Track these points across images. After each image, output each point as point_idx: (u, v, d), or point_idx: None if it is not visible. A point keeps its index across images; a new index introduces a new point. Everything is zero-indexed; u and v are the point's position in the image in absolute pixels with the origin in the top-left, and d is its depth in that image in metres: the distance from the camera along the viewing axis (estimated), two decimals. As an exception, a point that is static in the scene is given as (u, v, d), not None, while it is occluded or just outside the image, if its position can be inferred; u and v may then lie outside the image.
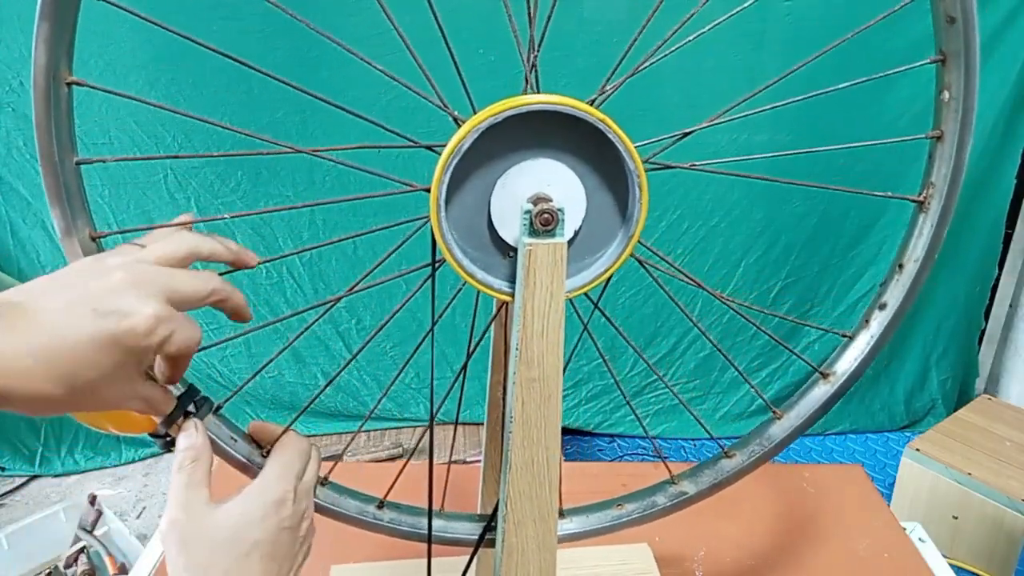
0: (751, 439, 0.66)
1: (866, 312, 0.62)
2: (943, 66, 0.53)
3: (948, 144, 0.54)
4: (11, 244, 1.85)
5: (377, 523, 0.63)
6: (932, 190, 0.56)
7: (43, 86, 0.44)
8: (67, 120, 0.47)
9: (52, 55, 0.44)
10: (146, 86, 1.75)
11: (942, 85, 0.54)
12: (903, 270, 0.59)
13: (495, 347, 0.62)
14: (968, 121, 0.53)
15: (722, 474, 0.66)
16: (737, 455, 0.65)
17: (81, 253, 0.48)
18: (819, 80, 0.58)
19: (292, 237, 1.95)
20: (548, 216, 0.48)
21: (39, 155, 0.46)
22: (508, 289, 0.53)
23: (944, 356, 2.28)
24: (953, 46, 0.51)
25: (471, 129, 0.48)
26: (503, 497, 0.55)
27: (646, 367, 2.22)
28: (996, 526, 1.68)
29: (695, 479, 0.67)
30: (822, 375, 0.64)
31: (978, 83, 0.52)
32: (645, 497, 0.67)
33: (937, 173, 0.56)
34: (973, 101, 0.52)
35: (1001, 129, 1.97)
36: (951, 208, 0.56)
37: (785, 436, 0.64)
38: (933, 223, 0.57)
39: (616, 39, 1.81)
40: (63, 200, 0.47)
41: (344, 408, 2.13)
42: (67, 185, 0.47)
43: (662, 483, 0.67)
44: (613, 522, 0.67)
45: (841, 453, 2.28)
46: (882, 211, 2.07)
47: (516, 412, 0.52)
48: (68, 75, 0.46)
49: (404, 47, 0.51)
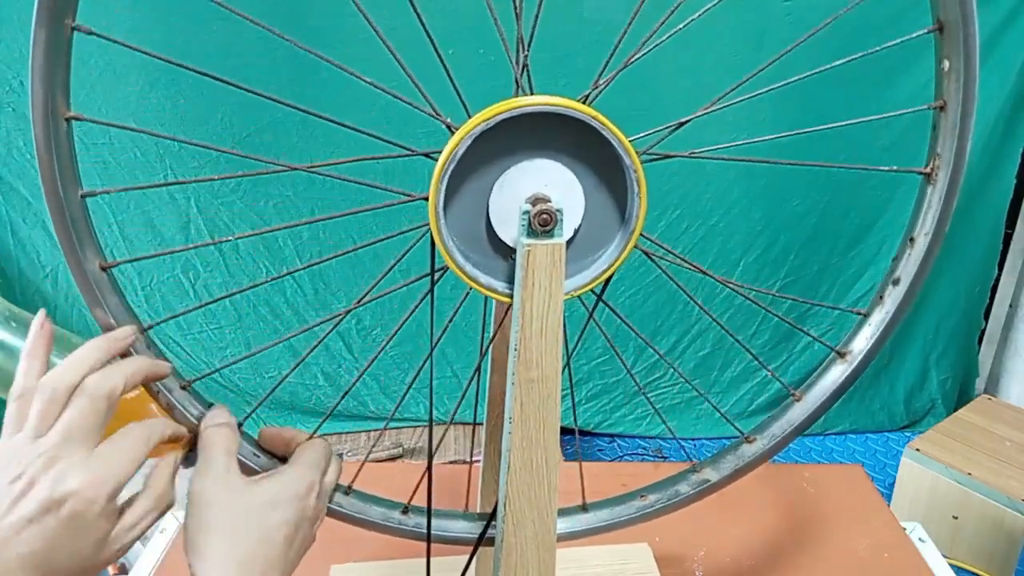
0: (770, 423, 0.65)
1: (880, 288, 0.61)
2: (940, 35, 0.53)
3: (952, 114, 0.54)
4: (11, 244, 1.85)
5: (402, 528, 0.63)
6: (939, 161, 0.55)
7: (42, 122, 0.45)
8: (68, 154, 0.47)
9: (49, 92, 0.45)
10: (146, 86, 1.75)
11: (942, 54, 0.53)
12: (914, 244, 0.58)
13: (495, 347, 0.62)
14: (970, 89, 0.52)
15: (744, 460, 0.65)
16: (758, 440, 0.65)
17: (93, 286, 0.49)
18: (816, 76, 0.58)
19: (292, 237, 1.95)
20: (547, 216, 0.48)
21: (44, 191, 0.46)
22: (508, 291, 0.53)
23: (944, 356, 2.28)
24: (950, 14, 0.51)
25: (464, 136, 0.48)
26: (502, 497, 0.55)
27: (647, 366, 2.22)
28: (996, 526, 1.68)
29: (716, 466, 0.66)
30: (839, 355, 0.63)
31: (978, 50, 0.51)
32: (668, 487, 0.66)
33: (943, 144, 0.55)
34: (974, 69, 0.51)
35: (1001, 129, 1.97)
36: (959, 179, 0.55)
37: (805, 418, 0.63)
38: (941, 195, 0.56)
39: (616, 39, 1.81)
40: (70, 233, 0.47)
41: (344, 408, 2.13)
42: (73, 218, 0.47)
43: (684, 472, 0.67)
44: (637, 513, 0.66)
45: (841, 453, 2.28)
46: (882, 211, 2.07)
47: (515, 412, 0.52)
48: (66, 111, 0.46)
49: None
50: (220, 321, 2.00)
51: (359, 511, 0.61)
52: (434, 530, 0.63)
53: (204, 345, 2.00)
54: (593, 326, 0.58)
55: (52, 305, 1.89)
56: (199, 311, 1.97)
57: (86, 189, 0.48)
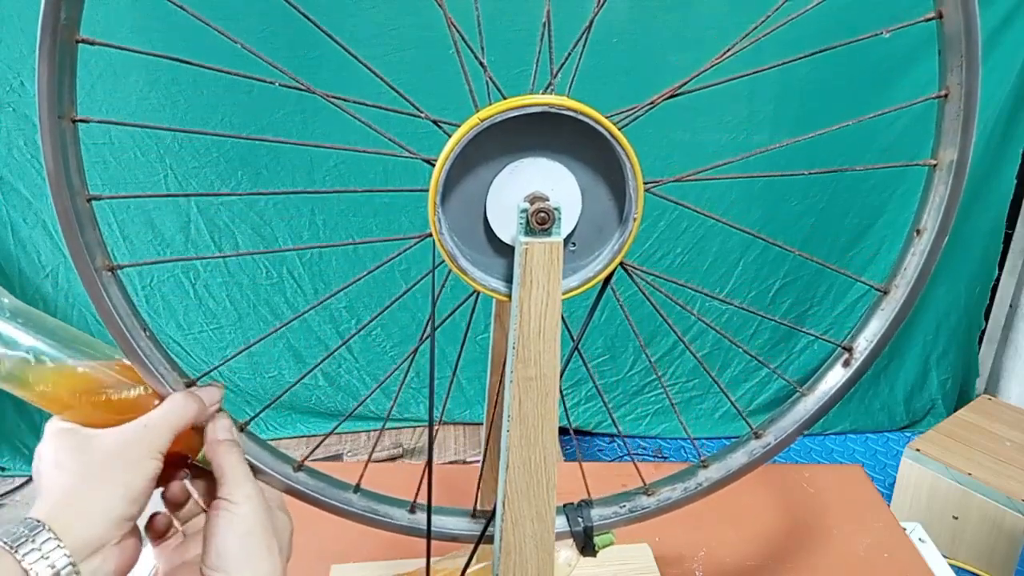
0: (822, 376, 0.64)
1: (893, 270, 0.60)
2: (940, 21, 0.53)
3: (955, 100, 0.53)
4: (11, 244, 1.85)
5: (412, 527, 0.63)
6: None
7: (49, 126, 0.45)
8: (76, 155, 0.47)
9: (55, 96, 0.45)
10: (146, 86, 1.75)
11: (943, 44, 0.53)
12: (920, 235, 0.57)
13: (495, 347, 0.62)
14: (973, 73, 0.51)
15: (797, 418, 0.63)
16: (807, 392, 0.64)
17: (101, 288, 0.49)
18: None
19: (292, 238, 1.95)
20: (544, 215, 0.48)
21: (51, 193, 0.47)
22: (506, 290, 0.53)
23: (944, 356, 2.28)
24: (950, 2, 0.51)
25: (457, 143, 0.48)
26: (501, 496, 0.55)
27: (645, 367, 2.22)
28: (996, 526, 1.68)
29: (775, 426, 0.65)
30: (883, 292, 0.61)
31: (979, 32, 0.51)
32: (725, 455, 0.66)
33: (947, 135, 0.54)
34: (976, 51, 0.51)
35: (1001, 129, 1.97)
36: (965, 164, 0.54)
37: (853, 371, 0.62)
38: (947, 186, 0.55)
39: (616, 39, 1.81)
40: (77, 236, 0.48)
41: (344, 408, 2.13)
42: (80, 221, 0.48)
43: (742, 439, 0.66)
44: (697, 489, 0.65)
45: (841, 453, 2.28)
46: (880, 212, 2.07)
47: (513, 411, 0.52)
48: (73, 113, 0.47)
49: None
50: (220, 321, 2.00)
51: (371, 511, 0.62)
52: (434, 527, 0.63)
53: (204, 345, 2.00)
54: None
55: (52, 305, 1.89)
56: (199, 312, 1.98)
57: (91, 193, 0.48)
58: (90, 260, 0.48)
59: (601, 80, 1.74)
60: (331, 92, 0.51)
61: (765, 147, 0.61)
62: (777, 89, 1.87)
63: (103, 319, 0.50)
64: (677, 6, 1.78)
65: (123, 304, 0.51)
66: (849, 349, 0.62)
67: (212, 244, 1.92)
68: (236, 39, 0.49)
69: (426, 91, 1.71)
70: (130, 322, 0.51)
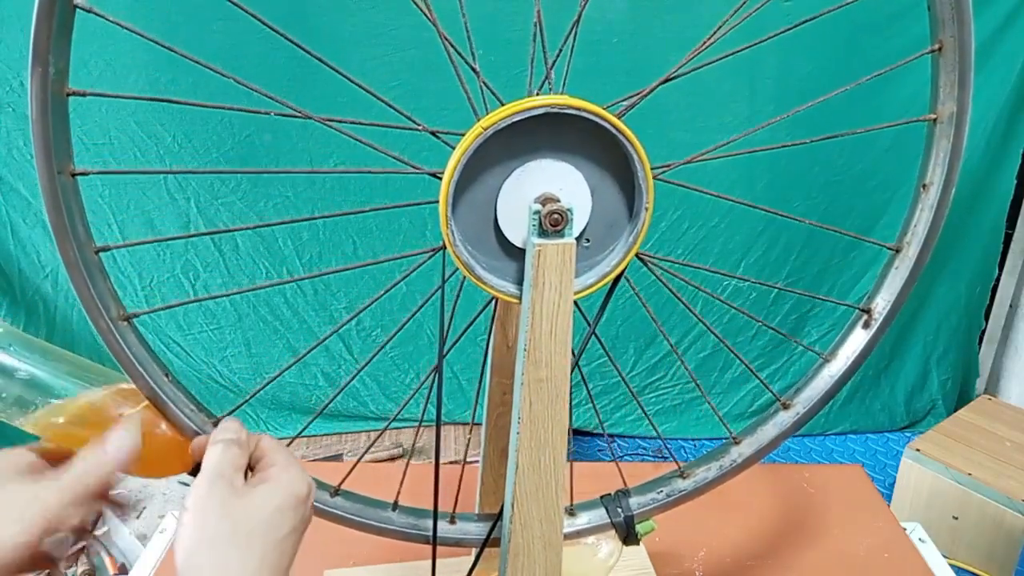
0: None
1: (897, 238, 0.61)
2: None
3: (949, 53, 0.53)
4: (11, 244, 1.84)
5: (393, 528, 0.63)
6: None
7: (48, 182, 0.45)
8: (78, 207, 0.48)
9: (51, 151, 0.45)
10: (146, 86, 1.75)
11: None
12: (927, 190, 0.58)
13: (496, 349, 0.62)
14: (965, 25, 0.52)
15: (821, 386, 0.65)
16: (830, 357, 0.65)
17: (118, 339, 0.49)
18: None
19: (292, 237, 1.95)
20: (557, 216, 0.48)
21: (57, 247, 0.46)
22: (515, 291, 0.53)
23: (944, 356, 2.28)
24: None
25: (463, 154, 0.48)
26: (509, 497, 0.55)
27: (647, 367, 2.22)
28: (996, 526, 1.68)
29: (800, 395, 0.66)
30: (895, 250, 0.62)
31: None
32: (755, 428, 0.66)
33: (944, 89, 0.55)
34: (965, 3, 0.51)
35: (1001, 129, 1.97)
36: (965, 116, 0.54)
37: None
38: (949, 139, 0.56)
39: (616, 39, 1.81)
40: (88, 288, 0.47)
41: (344, 408, 2.13)
42: (90, 272, 0.48)
43: (773, 411, 0.67)
44: (732, 465, 0.66)
45: (841, 453, 2.28)
46: (883, 211, 2.07)
47: (523, 412, 0.52)
48: (71, 167, 0.47)
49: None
50: (220, 321, 2.00)
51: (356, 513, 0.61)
52: (425, 531, 0.63)
53: (204, 345, 2.00)
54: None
55: (52, 305, 1.88)
56: (199, 312, 1.97)
57: (78, 168, 0.48)
58: (104, 311, 0.48)
59: (601, 80, 1.74)
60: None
61: (770, 120, 0.62)
62: (777, 89, 1.87)
63: (124, 369, 0.49)
64: (677, 6, 1.78)
65: (142, 351, 0.50)
66: (868, 311, 0.62)
67: (212, 245, 1.92)
68: (232, 75, 0.48)
69: (427, 91, 1.70)
70: (151, 368, 0.50)
